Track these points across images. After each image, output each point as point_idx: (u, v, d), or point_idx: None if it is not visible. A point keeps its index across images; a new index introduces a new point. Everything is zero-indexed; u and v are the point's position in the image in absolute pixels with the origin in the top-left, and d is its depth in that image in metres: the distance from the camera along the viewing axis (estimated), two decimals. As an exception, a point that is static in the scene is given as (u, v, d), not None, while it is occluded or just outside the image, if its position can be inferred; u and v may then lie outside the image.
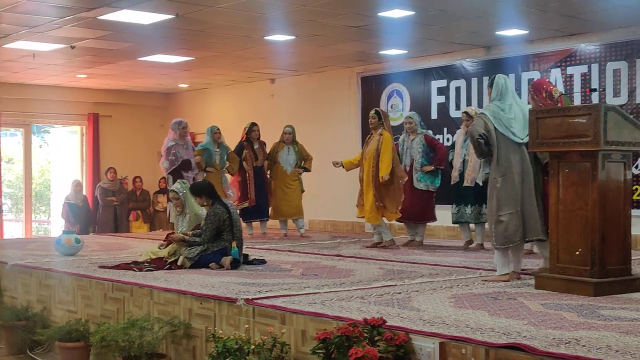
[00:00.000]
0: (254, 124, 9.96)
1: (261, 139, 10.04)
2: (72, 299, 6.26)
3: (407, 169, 8.47)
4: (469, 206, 8.04)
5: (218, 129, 9.78)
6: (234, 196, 9.61)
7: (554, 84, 8.05)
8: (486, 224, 7.93)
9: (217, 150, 9.64)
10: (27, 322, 6.40)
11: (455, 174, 8.14)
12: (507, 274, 5.69)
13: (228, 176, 9.91)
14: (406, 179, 8.37)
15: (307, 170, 9.86)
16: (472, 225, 8.34)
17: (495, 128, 5.58)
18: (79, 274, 6.31)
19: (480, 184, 7.64)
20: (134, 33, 8.93)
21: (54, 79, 12.88)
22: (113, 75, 12.53)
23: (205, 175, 9.36)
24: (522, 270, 5.94)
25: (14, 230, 15.46)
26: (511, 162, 5.57)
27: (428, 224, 8.85)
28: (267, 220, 10.04)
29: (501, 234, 5.61)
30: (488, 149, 5.66)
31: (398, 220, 8.66)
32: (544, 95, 5.53)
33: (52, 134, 15.74)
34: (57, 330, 5.83)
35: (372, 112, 8.49)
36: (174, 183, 7.72)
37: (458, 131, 8.39)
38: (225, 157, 9.69)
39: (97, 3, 7.49)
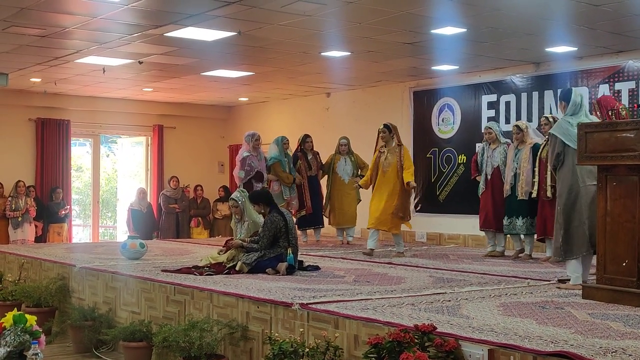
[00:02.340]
0: (307, 136, 10.13)
1: (316, 149, 10.19)
2: (136, 301, 6.41)
3: (488, 178, 8.38)
4: (520, 218, 8.01)
5: (287, 139, 9.91)
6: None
7: (620, 101, 8.05)
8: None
9: (286, 159, 9.79)
10: (93, 322, 6.52)
11: (506, 187, 8.13)
12: (581, 283, 5.69)
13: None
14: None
15: None
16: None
17: (565, 144, 5.61)
18: (143, 277, 6.45)
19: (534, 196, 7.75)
20: (198, 49, 9.12)
21: (121, 92, 13.18)
22: (177, 89, 12.79)
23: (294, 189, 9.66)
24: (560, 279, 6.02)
25: (81, 234, 15.87)
26: (578, 175, 5.60)
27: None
28: (322, 227, 10.16)
29: (564, 246, 5.66)
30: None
31: (481, 229, 8.63)
32: (610, 113, 5.53)
33: (118, 144, 16.07)
34: (122, 330, 5.94)
35: (382, 126, 8.42)
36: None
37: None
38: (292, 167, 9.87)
39: (164, 21, 7.72)
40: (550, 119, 7.82)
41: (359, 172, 9.95)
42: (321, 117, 13.13)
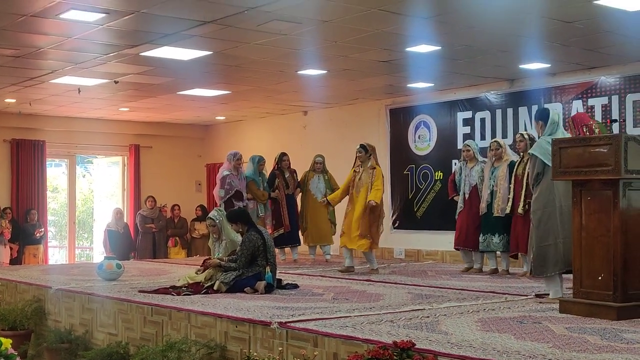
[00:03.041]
0: (283, 154, 10.14)
1: (294, 167, 10.19)
2: (113, 323, 6.35)
3: (466, 196, 8.39)
4: (496, 235, 8.06)
5: (264, 160, 9.93)
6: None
7: (593, 117, 8.15)
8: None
9: (260, 178, 9.82)
10: (70, 345, 6.46)
11: (482, 205, 8.17)
12: (560, 297, 5.72)
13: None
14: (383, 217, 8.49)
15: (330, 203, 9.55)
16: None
17: (545, 164, 5.66)
18: (119, 298, 6.41)
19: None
20: (174, 68, 9.12)
21: (97, 112, 13.10)
22: (154, 109, 12.74)
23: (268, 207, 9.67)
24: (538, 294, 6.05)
25: (58, 256, 15.69)
26: (554, 193, 5.65)
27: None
28: (299, 245, 10.14)
29: (538, 263, 5.71)
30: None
31: (456, 248, 8.65)
32: (585, 130, 5.62)
33: (95, 164, 15.96)
34: (99, 352, 5.86)
35: (359, 147, 8.44)
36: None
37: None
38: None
39: (139, 40, 7.71)
40: (526, 136, 7.91)
41: (331, 193, 9.77)
42: (299, 135, 13.15)
